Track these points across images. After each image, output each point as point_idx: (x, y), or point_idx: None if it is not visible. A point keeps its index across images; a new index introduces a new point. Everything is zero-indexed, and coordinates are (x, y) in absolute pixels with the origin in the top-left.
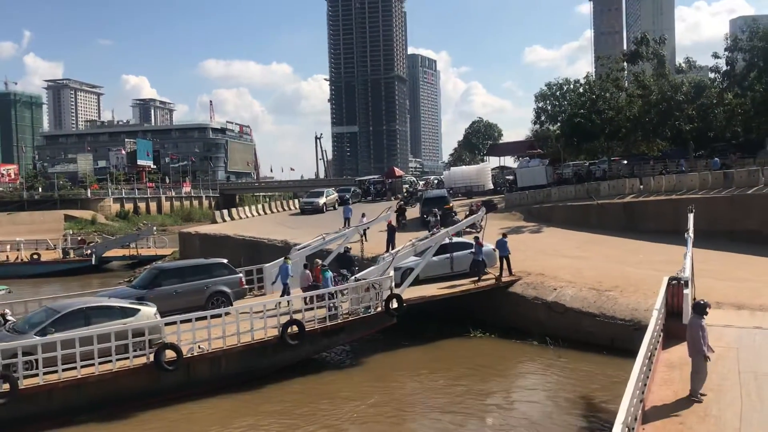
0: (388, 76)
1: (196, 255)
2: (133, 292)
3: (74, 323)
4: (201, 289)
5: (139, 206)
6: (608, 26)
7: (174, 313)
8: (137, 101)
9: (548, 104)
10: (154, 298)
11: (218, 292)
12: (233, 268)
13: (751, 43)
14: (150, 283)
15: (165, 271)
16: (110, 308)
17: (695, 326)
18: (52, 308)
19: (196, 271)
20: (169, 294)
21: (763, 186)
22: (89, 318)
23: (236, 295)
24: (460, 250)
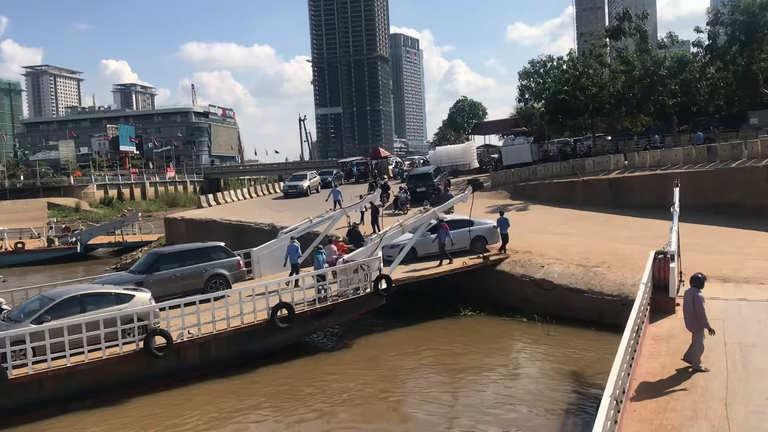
0: (370, 56)
1: (182, 240)
2: (132, 277)
3: (69, 311)
4: (199, 273)
5: (123, 192)
6: (590, 2)
7: (173, 297)
8: (118, 86)
9: (532, 82)
10: (153, 282)
11: (217, 275)
12: (231, 251)
13: (733, 17)
14: (149, 268)
15: (163, 255)
16: (105, 295)
17: (699, 300)
18: (47, 296)
19: (194, 254)
20: (168, 278)
21: (746, 159)
22: (84, 305)
23: (234, 278)
24: (459, 227)
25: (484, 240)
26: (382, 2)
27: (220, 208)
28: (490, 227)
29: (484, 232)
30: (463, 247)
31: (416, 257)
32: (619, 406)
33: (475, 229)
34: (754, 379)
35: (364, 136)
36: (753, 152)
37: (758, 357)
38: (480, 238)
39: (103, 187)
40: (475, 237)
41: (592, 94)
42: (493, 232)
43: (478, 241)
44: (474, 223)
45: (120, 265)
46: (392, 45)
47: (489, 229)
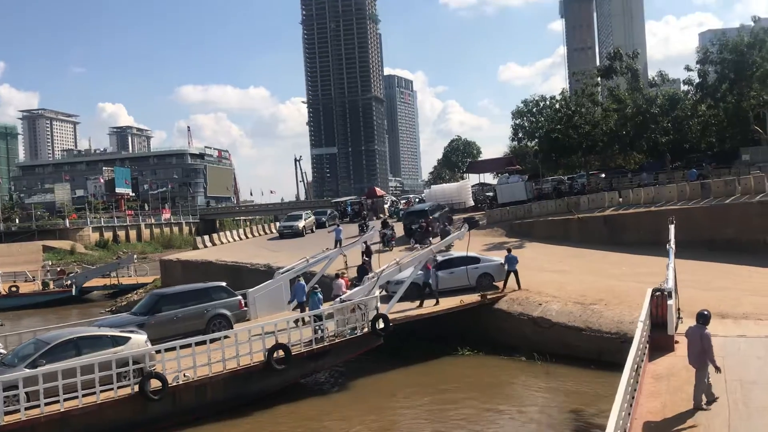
0: (365, 97)
1: (178, 282)
2: (133, 318)
3: (65, 354)
4: (201, 313)
5: (119, 234)
6: (580, 42)
7: (175, 339)
8: (114, 129)
9: (525, 121)
10: (154, 324)
11: (218, 316)
12: (232, 291)
13: (722, 56)
14: (150, 309)
15: (165, 296)
16: (101, 338)
17: (707, 336)
18: (42, 340)
19: (196, 295)
20: (170, 319)
21: (739, 195)
22: (80, 348)
23: (236, 318)
24: (465, 265)
25: (491, 278)
26: (375, 44)
27: (215, 249)
28: (496, 265)
29: (491, 270)
30: (469, 285)
31: (421, 294)
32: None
33: (482, 266)
34: (756, 416)
35: (360, 176)
36: (746, 188)
37: (759, 394)
38: (486, 276)
39: (98, 229)
40: (481, 274)
41: (585, 132)
42: (500, 269)
43: (485, 279)
44: (480, 260)
45: (115, 308)
46: (386, 86)
47: (496, 267)
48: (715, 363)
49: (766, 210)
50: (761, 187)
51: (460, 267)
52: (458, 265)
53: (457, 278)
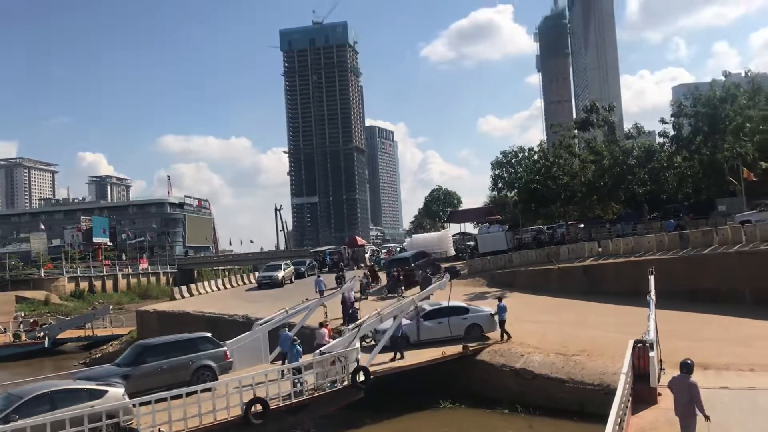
0: (346, 147)
1: (154, 334)
2: (117, 370)
3: (39, 409)
4: (186, 365)
5: (95, 285)
6: (557, 95)
7: (160, 390)
8: (93, 178)
9: (504, 171)
10: (139, 375)
11: (204, 367)
12: (217, 342)
13: (695, 109)
14: (134, 361)
15: (149, 347)
16: (77, 391)
17: (694, 386)
18: (14, 394)
19: (181, 346)
20: (155, 370)
21: (717, 246)
22: (55, 402)
23: (221, 369)
24: (454, 315)
25: (480, 328)
26: (357, 96)
27: (193, 300)
28: (486, 315)
29: (480, 320)
30: (458, 335)
31: (409, 344)
32: None
33: (470, 317)
34: None
35: (341, 225)
36: (724, 239)
37: None
38: (475, 327)
39: (74, 279)
40: (470, 325)
41: (564, 183)
42: (490, 320)
43: (474, 329)
44: (469, 310)
45: (90, 360)
46: (368, 136)
47: (485, 317)
48: (704, 411)
49: (744, 260)
50: (738, 238)
51: (449, 317)
52: (447, 314)
53: (445, 328)
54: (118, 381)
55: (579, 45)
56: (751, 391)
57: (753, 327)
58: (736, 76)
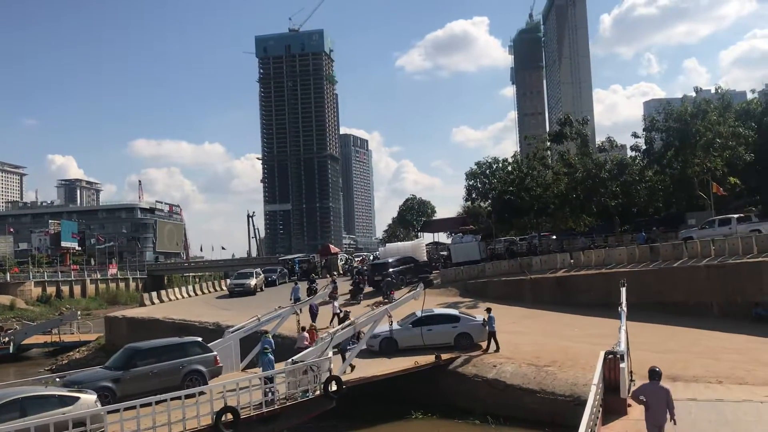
0: (320, 155)
1: (123, 340)
2: (108, 373)
3: (8, 416)
4: (177, 369)
5: (62, 290)
6: (531, 108)
7: (150, 395)
8: (62, 182)
9: (478, 182)
10: (130, 379)
11: (194, 371)
12: (207, 347)
13: (667, 124)
14: (125, 364)
15: (140, 351)
16: (48, 398)
17: (668, 392)
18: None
19: (171, 350)
20: (146, 374)
21: (687, 259)
22: (25, 409)
23: (211, 374)
24: (444, 323)
25: (470, 337)
26: (332, 104)
27: (163, 306)
28: (477, 324)
29: (471, 329)
30: (447, 343)
31: (398, 349)
32: None
33: (461, 325)
34: None
35: (313, 233)
36: (693, 252)
37: None
38: (465, 335)
39: (41, 284)
40: (459, 334)
41: (537, 195)
42: (480, 329)
43: (463, 338)
44: (460, 319)
45: (56, 366)
46: (342, 144)
47: (476, 326)
48: (674, 416)
49: (713, 274)
50: (708, 252)
51: (439, 325)
52: (438, 322)
53: (435, 336)
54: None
55: (553, 59)
56: (719, 403)
57: (720, 340)
58: (706, 92)
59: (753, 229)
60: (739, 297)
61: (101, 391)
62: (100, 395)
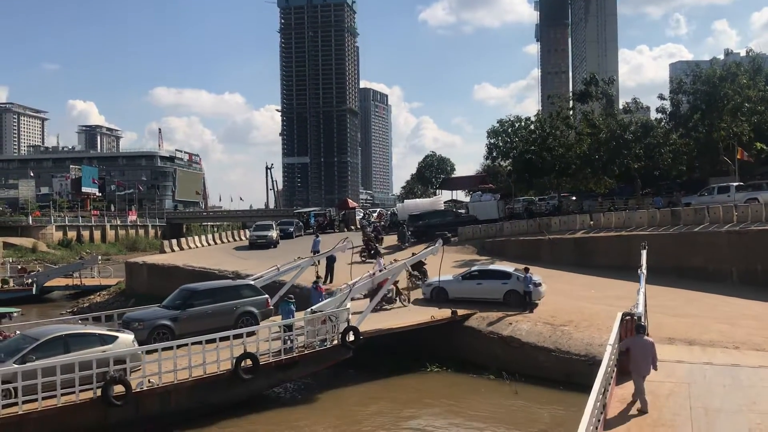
0: (340, 108)
1: (143, 286)
2: (166, 312)
3: (54, 351)
4: (231, 310)
5: (83, 234)
6: (555, 66)
7: (205, 334)
8: (83, 127)
9: (500, 140)
10: (187, 318)
11: (247, 313)
12: (260, 290)
13: (695, 87)
14: (183, 304)
15: (197, 292)
16: (89, 335)
17: (653, 345)
18: (29, 335)
19: (226, 291)
20: (202, 314)
21: (708, 224)
22: (69, 345)
23: (263, 316)
24: (494, 278)
25: (519, 295)
26: (353, 57)
27: (183, 254)
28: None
29: (520, 288)
30: (496, 298)
31: (448, 299)
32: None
33: (511, 282)
34: None
35: (331, 187)
36: (715, 217)
37: (723, 423)
38: (514, 293)
39: (62, 228)
40: (509, 291)
41: (559, 155)
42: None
43: (512, 295)
44: (511, 276)
45: (77, 309)
46: (361, 99)
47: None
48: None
49: (733, 240)
50: (729, 217)
51: (490, 280)
52: (490, 277)
53: (485, 290)
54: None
55: (579, 16)
56: (734, 368)
57: (739, 306)
58: (735, 55)
59: (750, 197)
60: (759, 264)
61: (160, 329)
62: (158, 333)
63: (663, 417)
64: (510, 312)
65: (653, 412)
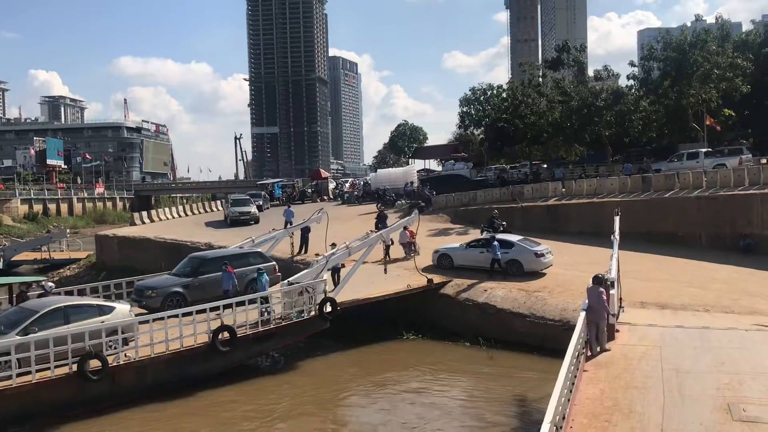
0: (309, 77)
1: (114, 258)
2: (178, 280)
3: (54, 322)
4: (240, 277)
5: (49, 208)
6: (524, 34)
7: (217, 300)
8: (46, 98)
9: (472, 109)
10: (198, 285)
11: (256, 279)
12: (267, 257)
13: (665, 53)
14: (194, 272)
15: (207, 260)
16: (88, 306)
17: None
18: (27, 308)
19: (235, 259)
20: (213, 281)
21: (678, 190)
22: (68, 316)
23: (272, 282)
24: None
25: (520, 265)
26: (321, 25)
27: (154, 226)
28: (529, 252)
29: (521, 257)
30: (497, 268)
31: (453, 266)
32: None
33: (512, 252)
34: (689, 404)
35: (301, 157)
36: (685, 183)
37: (693, 383)
38: (515, 262)
39: (27, 201)
40: (510, 260)
41: (531, 123)
42: (532, 258)
43: (513, 265)
44: (514, 245)
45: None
46: (331, 67)
47: (527, 255)
48: (611, 312)
49: (703, 205)
50: (699, 183)
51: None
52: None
53: (489, 258)
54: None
55: None
56: (704, 331)
57: (708, 270)
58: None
59: (718, 163)
60: (727, 228)
61: (173, 296)
62: (172, 299)
63: (635, 379)
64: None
65: (626, 375)
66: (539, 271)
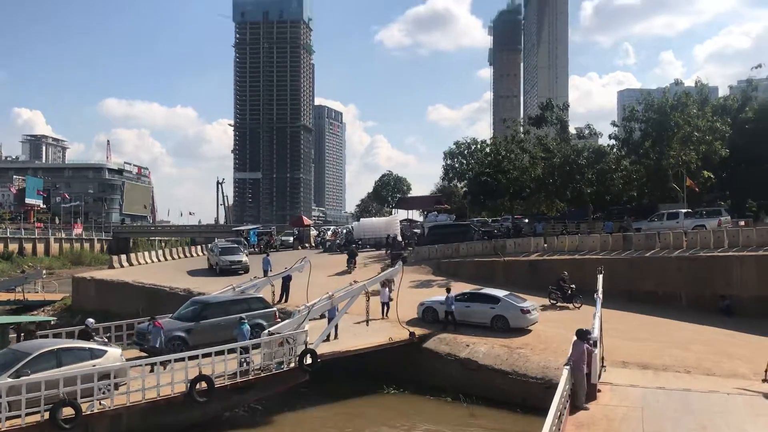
0: (294, 125)
1: (90, 302)
2: (180, 324)
3: (46, 365)
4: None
5: (25, 247)
6: (507, 90)
7: (217, 345)
8: (28, 137)
9: (456, 162)
10: (200, 330)
11: (257, 325)
12: (269, 303)
13: (647, 115)
14: (197, 316)
15: (209, 304)
16: (81, 349)
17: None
18: (20, 350)
19: (236, 304)
20: (215, 326)
21: (659, 249)
22: (60, 359)
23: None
24: (482, 302)
25: (505, 320)
26: (308, 74)
27: (132, 270)
28: (515, 309)
29: (507, 313)
30: (483, 322)
31: (438, 320)
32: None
33: (498, 307)
34: None
35: (283, 203)
36: (665, 243)
37: None
38: (501, 318)
39: (3, 240)
40: (496, 315)
41: (514, 178)
42: (519, 314)
43: (499, 321)
44: (500, 301)
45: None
46: (316, 116)
47: (513, 311)
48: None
49: (683, 265)
50: (679, 243)
51: (478, 303)
52: (479, 301)
53: (473, 313)
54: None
55: (532, 42)
56: (686, 393)
57: (689, 331)
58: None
59: (698, 224)
60: (707, 289)
61: (175, 340)
62: (173, 343)
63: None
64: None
65: None
66: (525, 327)
